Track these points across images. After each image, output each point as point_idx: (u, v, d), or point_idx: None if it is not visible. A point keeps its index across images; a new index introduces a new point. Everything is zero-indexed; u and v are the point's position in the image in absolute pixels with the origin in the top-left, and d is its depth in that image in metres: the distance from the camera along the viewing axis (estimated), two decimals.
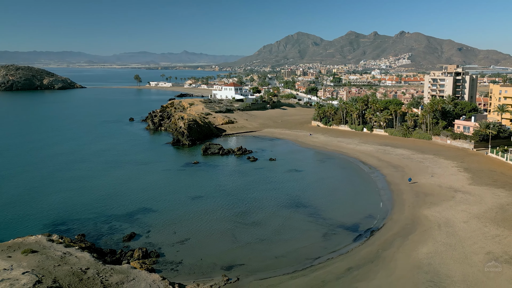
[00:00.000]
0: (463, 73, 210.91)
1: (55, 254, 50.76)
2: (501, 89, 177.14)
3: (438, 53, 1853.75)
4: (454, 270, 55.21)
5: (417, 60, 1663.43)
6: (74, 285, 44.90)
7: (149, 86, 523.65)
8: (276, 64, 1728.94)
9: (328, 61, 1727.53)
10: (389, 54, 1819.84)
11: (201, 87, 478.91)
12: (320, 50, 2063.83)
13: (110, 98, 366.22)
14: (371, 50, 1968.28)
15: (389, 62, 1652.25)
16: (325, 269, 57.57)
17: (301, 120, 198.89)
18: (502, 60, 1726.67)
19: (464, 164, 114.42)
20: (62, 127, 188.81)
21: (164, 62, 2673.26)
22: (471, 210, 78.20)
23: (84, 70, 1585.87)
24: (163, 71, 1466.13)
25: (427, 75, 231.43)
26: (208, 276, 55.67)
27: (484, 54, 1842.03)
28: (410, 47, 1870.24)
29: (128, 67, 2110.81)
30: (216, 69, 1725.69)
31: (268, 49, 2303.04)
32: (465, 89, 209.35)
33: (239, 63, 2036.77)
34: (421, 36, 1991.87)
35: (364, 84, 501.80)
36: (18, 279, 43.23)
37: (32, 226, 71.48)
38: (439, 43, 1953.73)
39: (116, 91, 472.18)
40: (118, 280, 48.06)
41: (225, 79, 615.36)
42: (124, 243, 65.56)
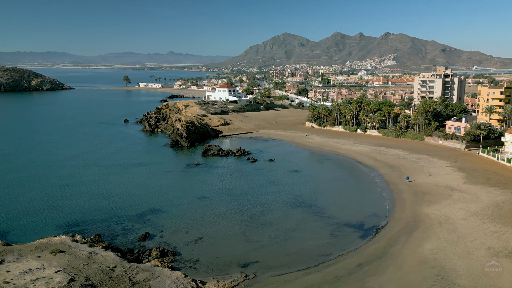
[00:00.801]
0: (451, 75, 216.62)
1: (82, 254, 52.54)
2: (488, 91, 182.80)
3: (423, 54, 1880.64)
4: (459, 265, 58.44)
5: (402, 61, 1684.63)
6: (104, 282, 46.83)
7: (139, 87, 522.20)
8: (263, 65, 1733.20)
9: (314, 62, 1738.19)
10: (375, 55, 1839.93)
11: (191, 88, 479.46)
12: (307, 51, 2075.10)
13: (100, 100, 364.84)
14: (357, 51, 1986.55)
15: (375, 62, 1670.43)
16: (337, 265, 60.33)
17: (295, 121, 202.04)
18: (484, 61, 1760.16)
19: (458, 163, 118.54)
20: (59, 129, 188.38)
21: (150, 63, 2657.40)
22: (468, 208, 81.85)
23: (70, 71, 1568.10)
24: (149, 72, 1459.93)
25: (416, 77, 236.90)
26: (226, 273, 57.95)
27: (467, 55, 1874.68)
28: (395, 48, 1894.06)
29: (113, 68, 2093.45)
30: (203, 69, 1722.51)
31: (255, 49, 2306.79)
32: (453, 90, 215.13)
33: (226, 63, 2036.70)
34: (405, 37, 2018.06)
35: (352, 85, 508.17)
36: (52, 277, 45.01)
37: (48, 227, 72.86)
38: (423, 44, 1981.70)
39: (105, 92, 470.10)
40: (144, 278, 50.09)
41: (214, 80, 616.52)
42: (140, 242, 67.42)
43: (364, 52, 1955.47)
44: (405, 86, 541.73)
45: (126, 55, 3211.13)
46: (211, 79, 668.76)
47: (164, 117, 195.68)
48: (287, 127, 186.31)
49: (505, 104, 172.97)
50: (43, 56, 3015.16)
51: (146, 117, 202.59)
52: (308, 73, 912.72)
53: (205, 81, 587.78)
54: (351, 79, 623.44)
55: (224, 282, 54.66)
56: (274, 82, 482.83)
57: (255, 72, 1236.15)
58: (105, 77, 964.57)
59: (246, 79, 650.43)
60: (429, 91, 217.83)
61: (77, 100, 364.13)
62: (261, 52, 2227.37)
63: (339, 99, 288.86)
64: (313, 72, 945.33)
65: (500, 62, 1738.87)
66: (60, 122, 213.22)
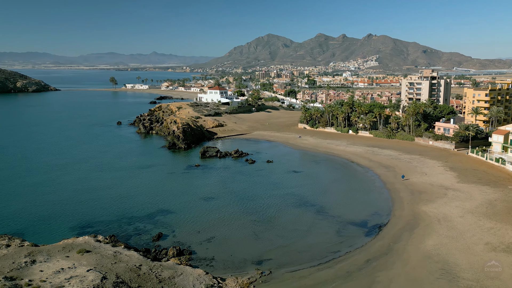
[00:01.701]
0: (438, 77, 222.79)
1: (107, 253, 54.52)
2: (474, 93, 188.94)
3: (404, 55, 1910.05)
4: (461, 259, 62.20)
5: (384, 62, 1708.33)
6: (134, 280, 49.04)
7: (125, 89, 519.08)
8: (247, 66, 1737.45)
9: (298, 63, 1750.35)
10: (358, 56, 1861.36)
11: (179, 89, 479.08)
12: (291, 52, 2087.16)
13: (89, 101, 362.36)
14: (340, 52, 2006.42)
15: (358, 64, 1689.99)
16: (346, 261, 63.51)
17: (287, 123, 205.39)
18: (464, 62, 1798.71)
19: (449, 163, 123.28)
20: (54, 132, 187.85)
21: (133, 63, 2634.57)
22: (464, 206, 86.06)
23: (51, 72, 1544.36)
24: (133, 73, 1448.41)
25: (404, 79, 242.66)
26: (242, 270, 60.57)
27: (448, 56, 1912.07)
28: (377, 50, 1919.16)
29: (96, 68, 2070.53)
30: (187, 70, 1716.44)
31: (239, 50, 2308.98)
32: (440, 92, 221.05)
33: (210, 64, 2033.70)
34: (387, 38, 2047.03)
35: (338, 86, 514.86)
36: (85, 276, 47.01)
37: (63, 229, 74.43)
38: (405, 46, 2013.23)
39: (92, 93, 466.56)
40: (169, 275, 52.41)
41: (200, 81, 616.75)
42: (154, 242, 69.53)
43: (347, 53, 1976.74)
44: (389, 87, 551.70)
45: (109, 56, 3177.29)
46: (197, 80, 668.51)
47: (158, 119, 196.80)
48: (280, 129, 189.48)
49: (490, 105, 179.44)
50: (23, 57, 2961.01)
51: (140, 119, 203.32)
52: (293, 74, 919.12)
53: (191, 82, 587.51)
54: (337, 80, 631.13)
55: (242, 278, 57.27)
56: (261, 83, 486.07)
57: (239, 73, 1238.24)
58: (89, 78, 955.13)
59: (232, 80, 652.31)
60: (416, 93, 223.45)
61: (65, 102, 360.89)
62: (245, 52, 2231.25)
63: (327, 100, 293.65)
64: (298, 73, 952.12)
65: (479, 63, 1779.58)
66: (54, 124, 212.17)
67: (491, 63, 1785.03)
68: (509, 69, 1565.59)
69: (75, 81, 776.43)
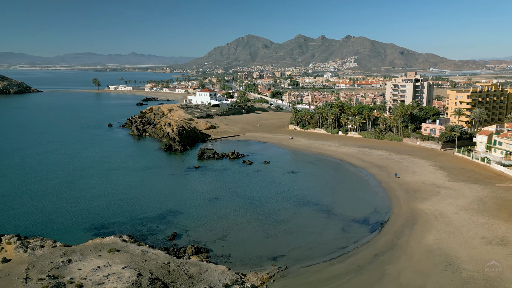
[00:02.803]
0: (421, 79, 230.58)
1: (135, 252, 57.20)
2: (457, 95, 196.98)
3: (382, 56, 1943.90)
4: (461, 252, 67.07)
5: (363, 63, 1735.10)
6: (166, 276, 51.97)
7: (108, 90, 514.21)
8: (228, 66, 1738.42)
9: (279, 64, 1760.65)
10: (337, 57, 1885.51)
11: (163, 91, 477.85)
12: (271, 52, 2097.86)
13: (74, 103, 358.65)
14: (320, 53, 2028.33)
15: (337, 65, 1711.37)
16: (355, 256, 67.64)
17: (277, 124, 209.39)
18: (439, 63, 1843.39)
19: (438, 163, 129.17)
20: (48, 135, 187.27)
21: (111, 64, 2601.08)
22: (457, 203, 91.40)
23: (28, 72, 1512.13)
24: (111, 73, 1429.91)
25: (389, 81, 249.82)
26: (260, 266, 64.00)
27: (424, 57, 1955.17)
28: (356, 51, 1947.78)
29: (73, 69, 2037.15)
30: (167, 71, 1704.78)
31: (219, 51, 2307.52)
32: (423, 94, 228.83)
33: (190, 64, 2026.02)
34: (366, 40, 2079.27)
35: (321, 87, 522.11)
36: (121, 273, 49.73)
37: (80, 230, 76.38)
38: (383, 47, 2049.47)
39: (75, 95, 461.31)
40: (196, 271, 55.48)
41: (184, 82, 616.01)
42: (170, 242, 72.26)
43: (326, 54, 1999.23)
44: (370, 88, 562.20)
45: (86, 56, 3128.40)
46: (180, 81, 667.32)
47: (149, 121, 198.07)
48: (272, 130, 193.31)
49: (471, 107, 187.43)
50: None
51: (131, 121, 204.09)
52: (275, 75, 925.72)
53: (175, 83, 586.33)
54: (319, 81, 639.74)
55: (261, 273, 60.73)
56: (246, 85, 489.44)
57: (221, 73, 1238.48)
58: (69, 79, 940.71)
59: (216, 81, 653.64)
60: (401, 95, 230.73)
61: (50, 104, 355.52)
62: (226, 53, 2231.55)
63: (314, 101, 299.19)
64: (279, 74, 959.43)
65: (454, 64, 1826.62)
66: (45, 126, 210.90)
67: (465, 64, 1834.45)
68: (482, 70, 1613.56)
69: (55, 82, 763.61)
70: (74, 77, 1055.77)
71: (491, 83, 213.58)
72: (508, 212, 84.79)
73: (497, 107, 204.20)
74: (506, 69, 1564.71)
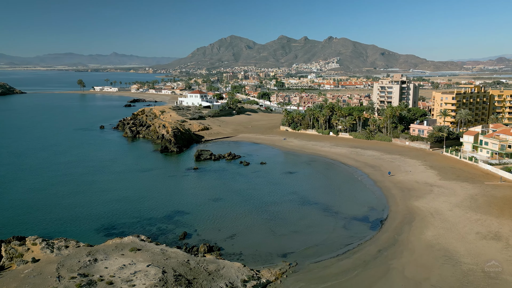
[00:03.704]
0: (407, 81, 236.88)
1: (155, 251, 59.48)
2: (442, 96, 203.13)
3: (364, 57, 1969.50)
4: (458, 247, 71.21)
5: (345, 64, 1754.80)
6: (188, 273, 54.46)
7: (94, 91, 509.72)
8: (211, 67, 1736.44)
9: (262, 64, 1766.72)
10: (319, 58, 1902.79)
11: (149, 92, 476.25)
12: (254, 53, 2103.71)
13: (61, 105, 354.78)
14: (302, 54, 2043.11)
15: (320, 65, 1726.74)
16: (361, 252, 71.14)
17: (268, 125, 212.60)
18: (419, 64, 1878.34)
19: (428, 162, 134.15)
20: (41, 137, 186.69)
21: (93, 64, 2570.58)
22: (450, 201, 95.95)
23: (8, 73, 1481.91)
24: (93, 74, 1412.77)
25: (375, 83, 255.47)
26: (271, 263, 66.91)
27: (404, 58, 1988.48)
28: (338, 52, 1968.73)
29: (54, 69, 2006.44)
30: (150, 71, 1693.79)
31: (202, 51, 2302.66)
32: (409, 95, 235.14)
33: (173, 65, 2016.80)
34: (347, 41, 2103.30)
35: (306, 88, 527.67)
36: (147, 270, 52.05)
37: (89, 231, 78.01)
38: (364, 48, 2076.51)
39: (61, 96, 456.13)
40: (214, 268, 58.09)
41: (169, 83, 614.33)
42: (182, 241, 74.56)
43: (309, 55, 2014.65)
44: (354, 89, 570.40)
45: (67, 56, 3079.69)
46: (166, 82, 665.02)
47: (142, 123, 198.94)
48: (264, 131, 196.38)
49: (456, 108, 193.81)
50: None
51: (123, 122, 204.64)
52: (259, 75, 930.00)
53: (160, 84, 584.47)
54: (304, 82, 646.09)
55: (274, 269, 63.65)
56: (232, 86, 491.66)
57: (204, 74, 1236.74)
58: (51, 80, 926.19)
59: (201, 82, 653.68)
60: (387, 96, 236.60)
61: (37, 105, 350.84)
62: (209, 54, 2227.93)
63: (302, 102, 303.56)
64: (264, 75, 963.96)
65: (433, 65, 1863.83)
66: (39, 129, 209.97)
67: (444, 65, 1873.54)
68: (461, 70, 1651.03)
69: (38, 83, 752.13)
70: (56, 78, 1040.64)
71: (474, 85, 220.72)
72: (499, 209, 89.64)
73: (480, 108, 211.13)
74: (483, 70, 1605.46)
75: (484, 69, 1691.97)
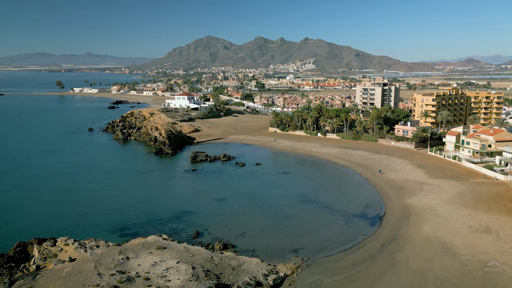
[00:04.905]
0: (389, 83, 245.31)
1: (179, 249, 62.73)
2: (423, 98, 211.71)
3: (339, 58, 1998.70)
4: (454, 240, 76.97)
5: (321, 65, 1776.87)
6: (214, 268, 58.05)
7: (73, 93, 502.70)
8: (188, 67, 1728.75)
9: (239, 65, 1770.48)
10: (296, 59, 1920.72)
11: (131, 93, 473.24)
12: (231, 54, 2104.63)
13: (43, 107, 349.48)
14: (279, 55, 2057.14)
15: (297, 66, 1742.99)
16: (366, 246, 76.03)
17: (257, 126, 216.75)
18: (393, 65, 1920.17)
19: (414, 161, 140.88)
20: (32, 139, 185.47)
21: (66, 64, 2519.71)
22: (441, 197, 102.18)
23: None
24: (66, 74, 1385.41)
25: (358, 85, 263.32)
26: (284, 258, 70.99)
27: (378, 59, 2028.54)
28: (314, 53, 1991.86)
29: (26, 70, 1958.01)
30: (126, 72, 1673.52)
31: (178, 52, 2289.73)
32: (391, 97, 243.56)
33: (150, 65, 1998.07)
34: (323, 42, 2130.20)
35: (286, 89, 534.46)
36: (178, 267, 55.38)
37: (103, 231, 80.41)
38: (339, 49, 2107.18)
39: (40, 98, 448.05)
40: (236, 264, 61.82)
41: (149, 84, 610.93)
42: (195, 239, 77.83)
43: (286, 56, 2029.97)
44: (333, 90, 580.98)
45: (39, 56, 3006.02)
46: (146, 83, 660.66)
47: (131, 125, 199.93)
48: (253, 132, 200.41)
49: (436, 109, 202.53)
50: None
51: (112, 125, 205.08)
52: (238, 76, 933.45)
53: (140, 85, 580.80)
54: (283, 83, 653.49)
55: (289, 264, 67.80)
56: (214, 87, 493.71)
57: (182, 74, 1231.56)
58: (26, 81, 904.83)
59: (182, 83, 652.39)
60: (370, 98, 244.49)
61: (19, 108, 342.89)
62: (185, 54, 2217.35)
63: (285, 104, 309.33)
64: (242, 76, 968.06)
65: (406, 66, 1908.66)
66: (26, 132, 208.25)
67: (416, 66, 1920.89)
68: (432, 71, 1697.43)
69: (12, 84, 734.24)
70: (29, 79, 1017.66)
71: (452, 87, 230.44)
72: (486, 204, 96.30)
73: (458, 109, 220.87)
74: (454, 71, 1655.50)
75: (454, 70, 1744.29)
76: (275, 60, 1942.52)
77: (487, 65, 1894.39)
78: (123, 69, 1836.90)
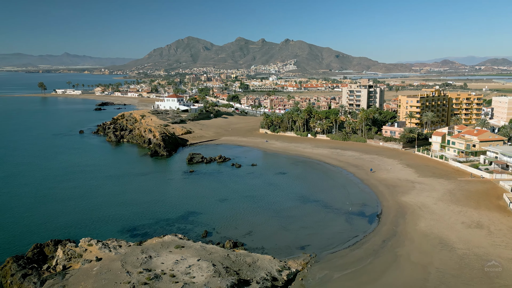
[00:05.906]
0: (374, 85, 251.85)
1: (196, 247, 65.51)
2: (407, 100, 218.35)
3: (319, 60, 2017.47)
4: (450, 235, 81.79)
5: (302, 66, 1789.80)
6: (232, 265, 61.10)
7: (56, 94, 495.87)
8: (169, 68, 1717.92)
9: (220, 66, 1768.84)
10: (277, 60, 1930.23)
11: (115, 95, 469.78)
12: (212, 54, 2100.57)
13: (28, 109, 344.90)
14: (260, 56, 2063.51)
15: (278, 67, 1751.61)
16: (368, 242, 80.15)
17: (247, 128, 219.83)
18: (372, 66, 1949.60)
19: (404, 161, 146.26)
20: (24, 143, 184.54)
21: (43, 65, 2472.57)
22: (432, 195, 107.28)
23: None
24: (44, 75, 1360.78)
25: (344, 87, 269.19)
26: (292, 255, 74.47)
27: (357, 61, 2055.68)
28: (295, 54, 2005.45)
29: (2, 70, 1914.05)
30: (106, 72, 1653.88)
31: (159, 52, 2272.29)
32: (376, 98, 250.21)
33: (130, 66, 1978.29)
34: (304, 44, 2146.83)
35: (270, 90, 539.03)
36: (199, 264, 58.24)
37: (114, 232, 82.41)
38: (320, 51, 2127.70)
39: (22, 100, 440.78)
40: (251, 261, 65.01)
41: (133, 86, 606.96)
42: (205, 238, 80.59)
43: (267, 57, 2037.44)
44: (316, 91, 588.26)
45: (15, 57, 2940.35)
46: (130, 84, 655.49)
47: (122, 127, 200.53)
48: (244, 134, 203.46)
49: (420, 110, 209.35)
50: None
51: (103, 127, 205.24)
52: (221, 77, 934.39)
53: (124, 87, 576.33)
54: (267, 84, 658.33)
55: (299, 260, 71.34)
56: (199, 89, 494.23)
57: (163, 75, 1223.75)
58: (4, 82, 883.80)
59: (166, 84, 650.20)
60: (356, 99, 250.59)
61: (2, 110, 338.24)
62: (166, 55, 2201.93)
63: (272, 105, 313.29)
64: (225, 77, 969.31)
65: (384, 67, 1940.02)
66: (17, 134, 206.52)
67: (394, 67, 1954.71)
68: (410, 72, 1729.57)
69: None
70: (7, 80, 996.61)
71: (434, 89, 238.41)
72: (475, 201, 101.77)
73: (440, 110, 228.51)
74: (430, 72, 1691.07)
75: (430, 70, 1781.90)
76: (256, 61, 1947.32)
77: (462, 66, 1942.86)
78: (103, 70, 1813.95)
